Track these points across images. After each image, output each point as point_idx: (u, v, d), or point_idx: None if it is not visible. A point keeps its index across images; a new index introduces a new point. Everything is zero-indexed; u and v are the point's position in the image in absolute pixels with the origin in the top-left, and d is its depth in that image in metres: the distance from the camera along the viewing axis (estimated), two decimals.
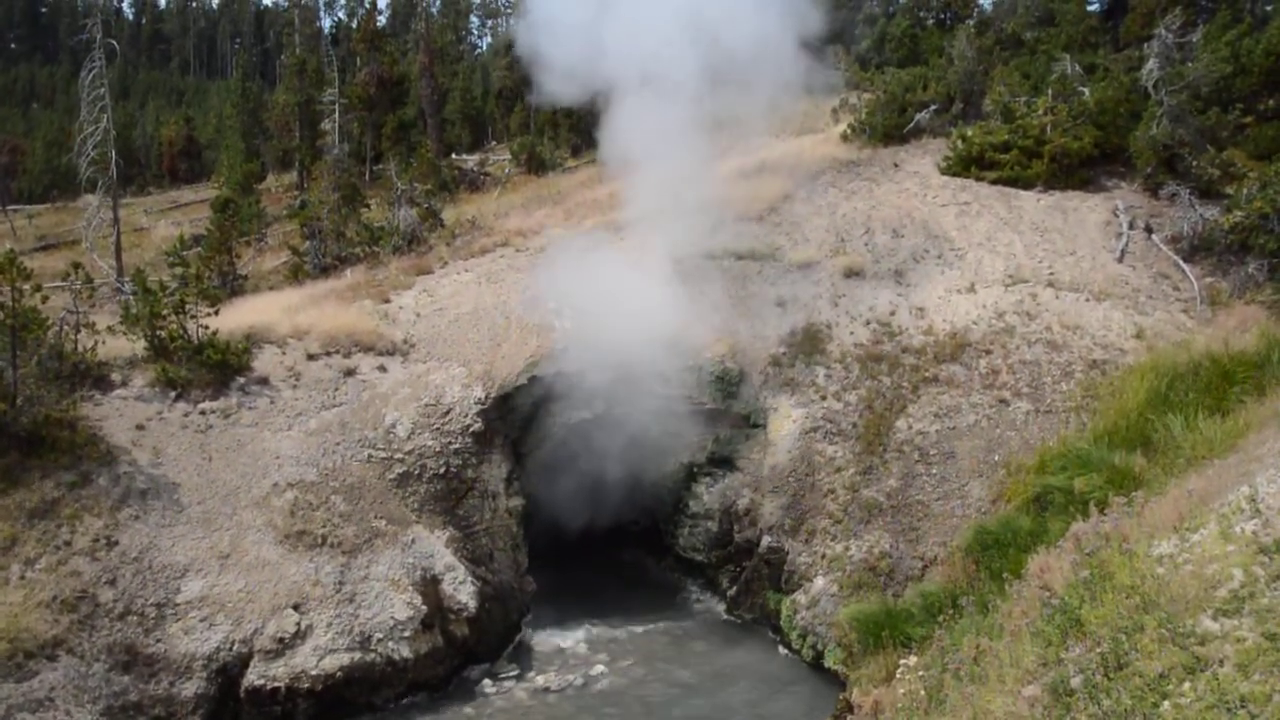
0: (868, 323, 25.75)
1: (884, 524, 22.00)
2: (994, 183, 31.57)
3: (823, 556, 22.22)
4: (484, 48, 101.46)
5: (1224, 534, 9.93)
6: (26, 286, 20.13)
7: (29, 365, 20.17)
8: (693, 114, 26.64)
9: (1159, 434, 19.10)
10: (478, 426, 23.46)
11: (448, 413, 23.44)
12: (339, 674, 19.00)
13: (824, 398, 24.32)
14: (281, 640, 18.89)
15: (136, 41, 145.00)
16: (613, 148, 28.05)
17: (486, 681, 21.15)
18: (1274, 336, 21.13)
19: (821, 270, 27.42)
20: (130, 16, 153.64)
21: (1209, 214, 27.51)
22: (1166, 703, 7.88)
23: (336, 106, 45.44)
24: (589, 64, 26.69)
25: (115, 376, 22.56)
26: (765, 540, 23.25)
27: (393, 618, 19.81)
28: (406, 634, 19.82)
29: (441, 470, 22.73)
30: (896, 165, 33.66)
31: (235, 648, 18.68)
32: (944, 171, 32.84)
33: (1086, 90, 32.55)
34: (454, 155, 53.42)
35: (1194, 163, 29.28)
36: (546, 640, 23.09)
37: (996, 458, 22.13)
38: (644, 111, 26.48)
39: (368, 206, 37.70)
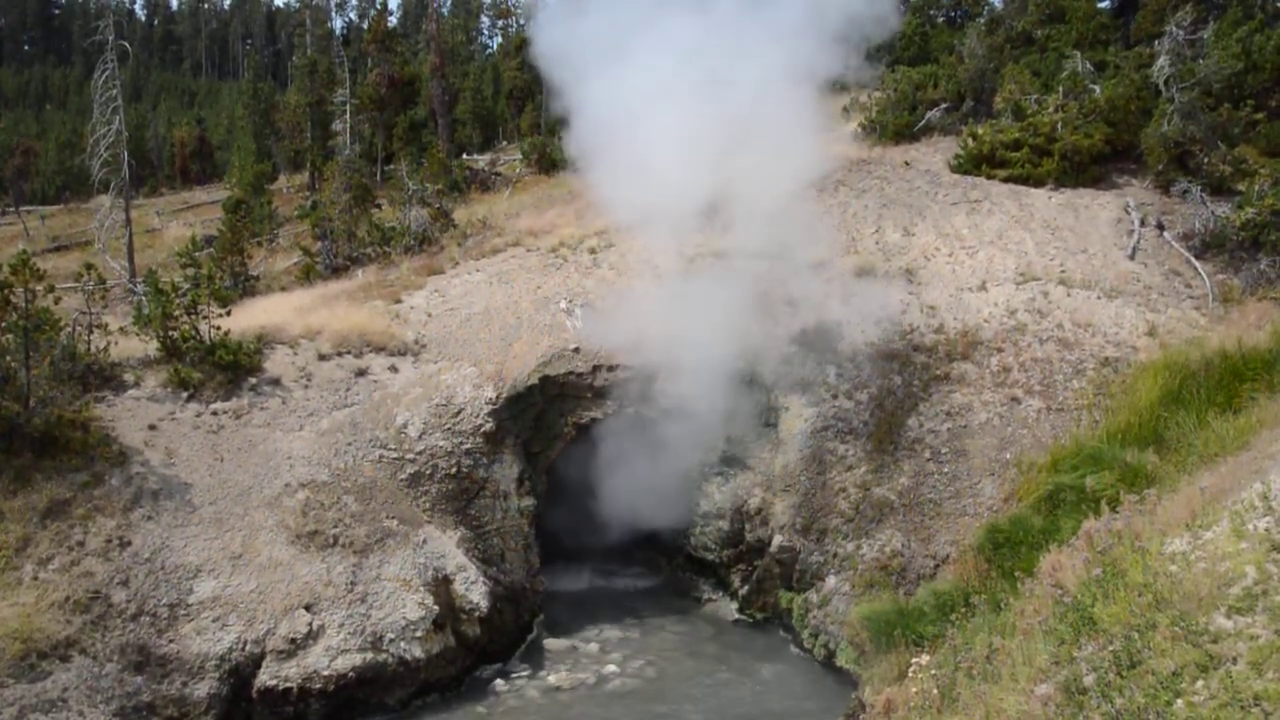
0: (878, 321, 25.70)
1: (896, 523, 21.98)
2: (1005, 180, 31.54)
3: (834, 555, 22.22)
4: (495, 48, 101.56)
5: (1237, 531, 9.89)
6: (39, 287, 20.19)
7: (42, 366, 20.24)
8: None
9: (1171, 431, 19.06)
10: (489, 426, 23.50)
11: (459, 413, 23.47)
12: (351, 674, 19.03)
13: (835, 396, 24.29)
14: (294, 640, 18.93)
15: (149, 43, 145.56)
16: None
17: (499, 681, 21.17)
18: None
19: (832, 269, 27.36)
20: (142, 18, 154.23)
21: (1221, 211, 27.45)
22: (1180, 701, 7.86)
23: (348, 107, 45.49)
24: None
25: (128, 377, 22.63)
26: (777, 539, 23.24)
27: (404, 618, 19.84)
28: (418, 634, 19.84)
29: (453, 470, 22.77)
30: (907, 163, 33.63)
31: (247, 648, 18.72)
32: (955, 169, 32.81)
33: (1097, 88, 32.51)
34: (465, 155, 53.44)
35: (1205, 159, 29.23)
36: (558, 640, 23.11)
37: (1008, 456, 22.09)
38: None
39: (379, 207, 37.75)
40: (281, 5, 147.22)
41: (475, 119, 62.34)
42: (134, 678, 17.67)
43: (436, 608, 20.29)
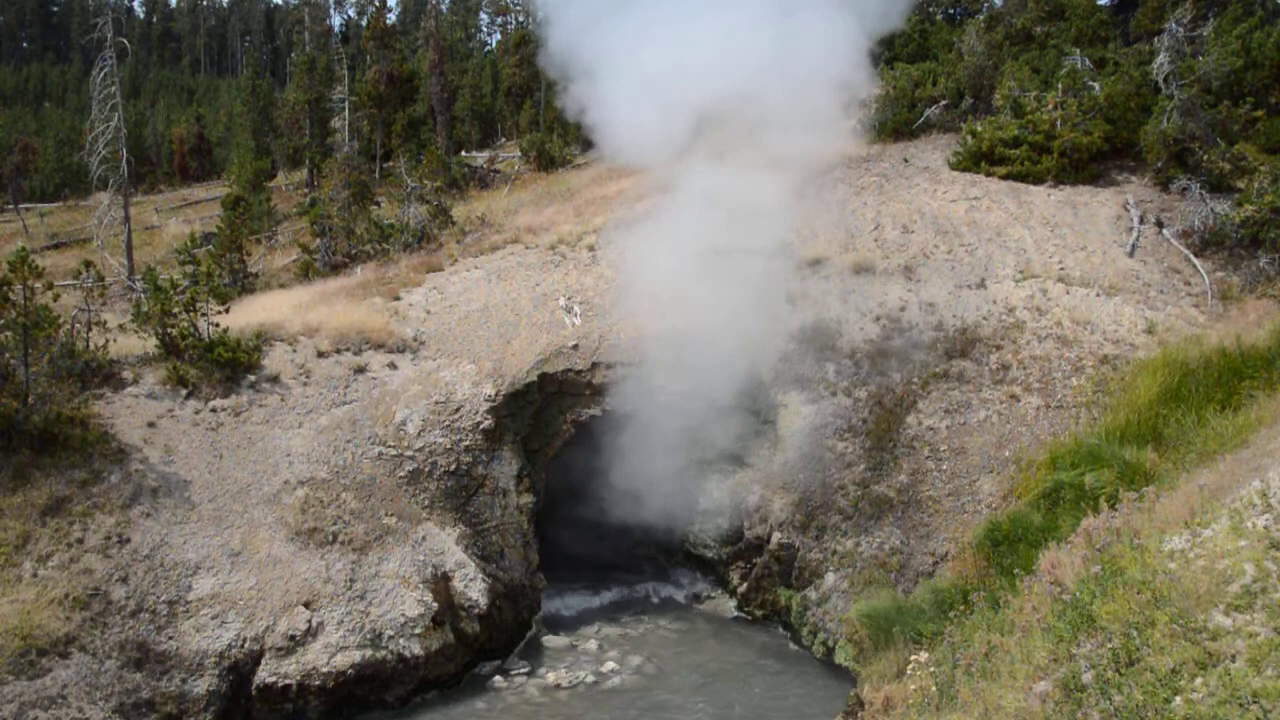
0: (877, 318, 25.71)
1: (894, 520, 21.99)
2: (1004, 178, 31.50)
3: (833, 553, 22.22)
4: (493, 44, 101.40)
5: (1236, 529, 9.89)
6: (38, 285, 20.19)
7: (41, 364, 20.24)
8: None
9: (1170, 429, 19.06)
10: (488, 424, 23.50)
11: (458, 410, 23.47)
12: (350, 671, 19.05)
13: (834, 394, 24.30)
14: (293, 638, 18.95)
15: (147, 40, 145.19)
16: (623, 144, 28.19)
17: (498, 678, 21.18)
18: None
19: (831, 266, 27.37)
20: (141, 15, 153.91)
21: (1220, 208, 27.43)
22: (1178, 698, 7.86)
23: (346, 104, 45.45)
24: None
25: (126, 374, 22.63)
26: (775, 536, 23.24)
27: (404, 615, 19.85)
28: (417, 631, 19.86)
29: (452, 467, 22.76)
30: (906, 161, 33.60)
31: (247, 645, 18.73)
32: (954, 167, 32.77)
33: (1096, 85, 32.47)
34: (464, 152, 53.44)
35: (1205, 157, 29.19)
36: (558, 637, 23.11)
37: (1007, 453, 22.09)
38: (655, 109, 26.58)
39: (377, 204, 37.72)
40: (280, 2, 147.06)
41: (474, 116, 62.25)
42: (133, 674, 17.68)
43: (435, 605, 20.30)
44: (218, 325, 23.31)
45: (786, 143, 27.43)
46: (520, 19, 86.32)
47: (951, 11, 52.85)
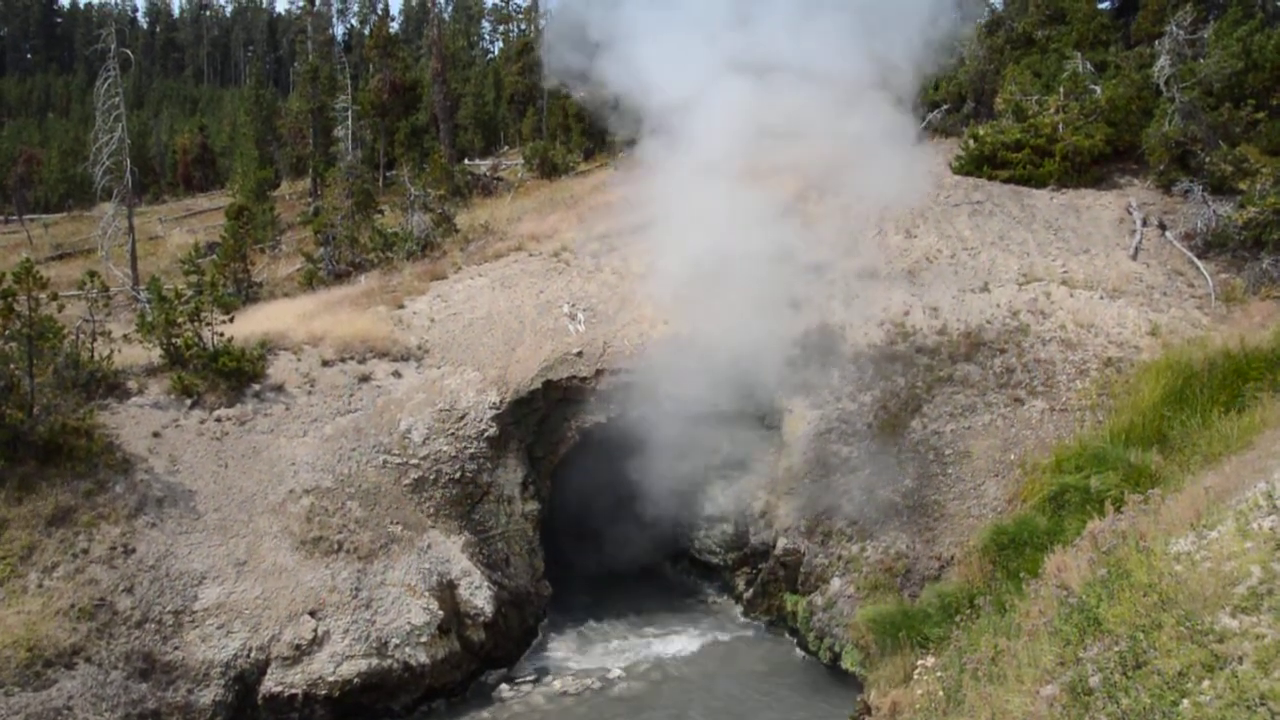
0: (881, 323, 25.70)
1: (900, 524, 21.94)
2: (1006, 181, 31.53)
3: (839, 558, 22.17)
4: (496, 53, 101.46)
5: (1242, 531, 9.88)
6: (43, 295, 20.23)
7: (45, 374, 20.27)
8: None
9: (1175, 431, 19.05)
10: (493, 431, 23.49)
11: (463, 418, 23.47)
12: (356, 680, 19.04)
13: (838, 398, 24.27)
14: (298, 647, 18.94)
15: (151, 50, 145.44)
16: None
17: (504, 686, 21.17)
18: None
19: (834, 270, 27.34)
20: (144, 25, 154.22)
21: (1223, 210, 27.43)
22: (1185, 701, 7.84)
23: (349, 113, 45.51)
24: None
25: (131, 384, 22.65)
26: (781, 542, 23.20)
27: (409, 623, 19.84)
28: (423, 639, 19.84)
29: (457, 475, 22.76)
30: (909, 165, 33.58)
31: (252, 655, 18.73)
32: (956, 171, 32.79)
33: (1098, 88, 32.49)
34: (467, 160, 53.47)
35: (1207, 159, 29.20)
36: (563, 644, 23.10)
37: (1012, 457, 22.06)
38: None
39: (381, 212, 37.74)
40: (283, 12, 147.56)
41: (477, 124, 62.36)
42: (139, 685, 17.68)
43: (441, 613, 20.29)
44: (222, 335, 23.33)
45: (789, 147, 27.45)
46: (522, 27, 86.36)
47: (953, 15, 52.82)
